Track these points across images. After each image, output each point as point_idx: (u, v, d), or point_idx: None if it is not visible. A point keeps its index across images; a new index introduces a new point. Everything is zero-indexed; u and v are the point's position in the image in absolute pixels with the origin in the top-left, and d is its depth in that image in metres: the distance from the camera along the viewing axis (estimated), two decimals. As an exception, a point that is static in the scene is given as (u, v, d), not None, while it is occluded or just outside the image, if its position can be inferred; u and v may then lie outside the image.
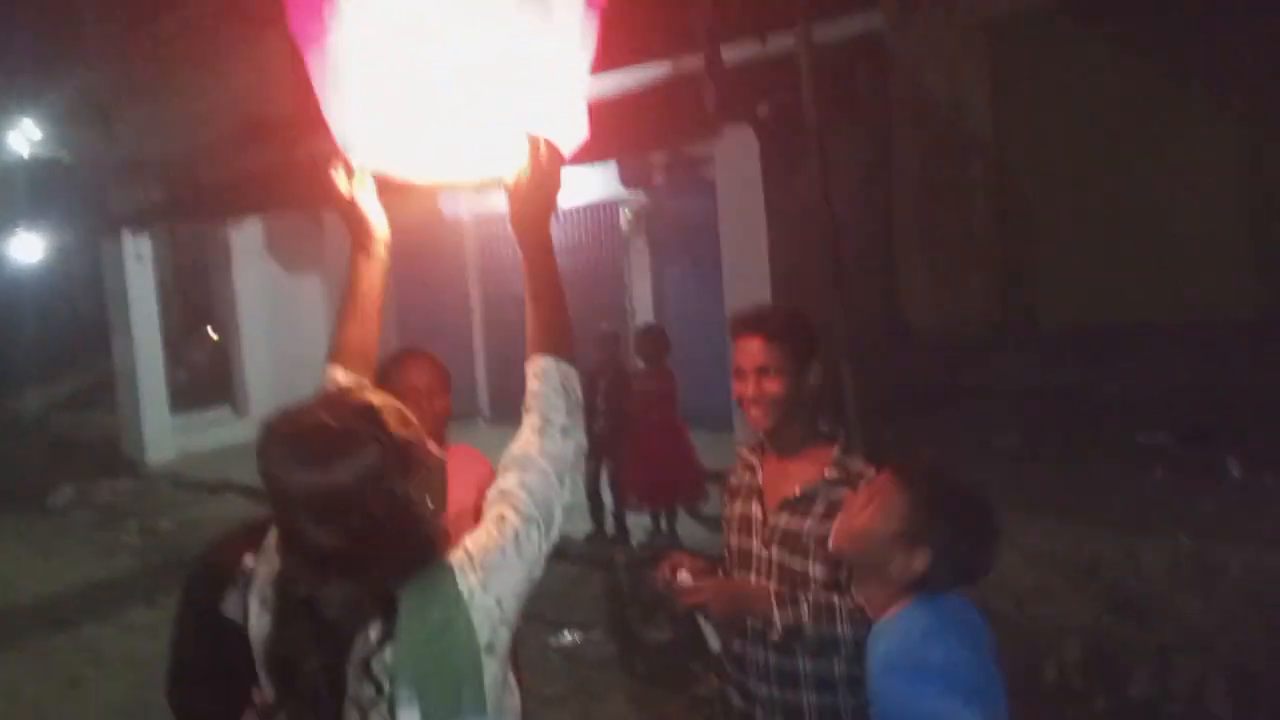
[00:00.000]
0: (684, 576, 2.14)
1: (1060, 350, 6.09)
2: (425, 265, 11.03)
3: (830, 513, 2.11)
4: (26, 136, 14.88)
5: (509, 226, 1.76)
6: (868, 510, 1.85)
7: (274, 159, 10.59)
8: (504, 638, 1.51)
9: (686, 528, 6.91)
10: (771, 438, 2.32)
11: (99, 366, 13.58)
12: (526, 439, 1.64)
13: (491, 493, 1.61)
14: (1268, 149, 5.82)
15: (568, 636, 5.77)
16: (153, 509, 9.88)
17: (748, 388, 2.25)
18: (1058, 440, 5.31)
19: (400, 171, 1.86)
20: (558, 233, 1.90)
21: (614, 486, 6.80)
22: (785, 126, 6.40)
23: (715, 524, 6.95)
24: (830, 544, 2.01)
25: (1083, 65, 6.11)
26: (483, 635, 1.47)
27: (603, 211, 9.95)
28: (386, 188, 1.96)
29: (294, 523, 1.46)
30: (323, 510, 1.43)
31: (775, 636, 2.13)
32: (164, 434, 11.79)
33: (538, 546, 1.55)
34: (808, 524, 2.18)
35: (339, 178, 1.89)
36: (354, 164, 1.86)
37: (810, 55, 5.57)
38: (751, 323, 2.29)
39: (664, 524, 6.84)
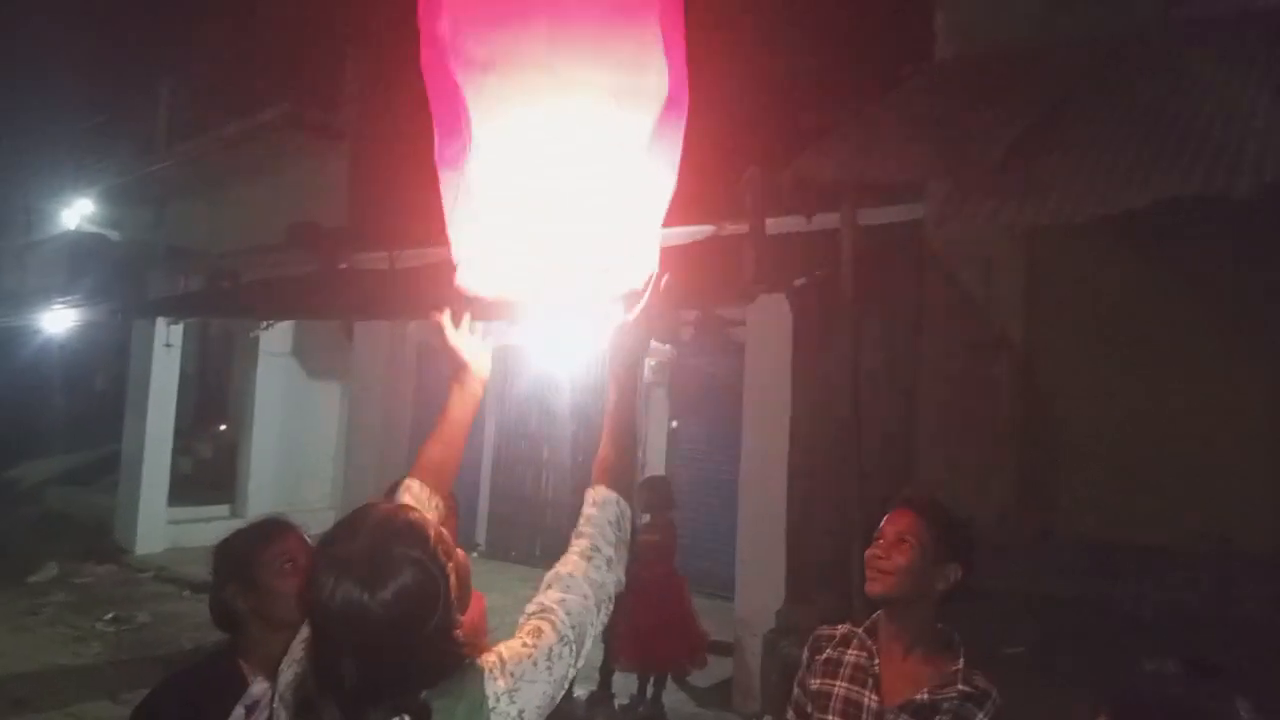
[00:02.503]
0: None
1: (1072, 562, 5.99)
2: (444, 389, 11.10)
3: None
4: (79, 212, 15.32)
5: (607, 359, 1.91)
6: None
7: (314, 267, 10.83)
8: None
9: (672, 696, 6.68)
10: (888, 621, 2.33)
11: (103, 447, 13.59)
12: (573, 561, 1.67)
13: (531, 606, 1.64)
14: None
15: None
16: (132, 600, 9.71)
17: (879, 550, 2.30)
18: (1066, 655, 5.15)
19: (511, 293, 2.02)
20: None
21: (605, 640, 6.60)
22: (820, 301, 6.50)
23: (702, 694, 6.79)
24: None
25: (1117, 281, 6.22)
26: None
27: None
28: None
29: (333, 650, 1.45)
30: (363, 633, 1.43)
31: None
32: (157, 524, 11.68)
33: (567, 666, 1.58)
34: None
35: (446, 316, 2.05)
36: (468, 284, 2.01)
37: (853, 236, 5.70)
38: (909, 498, 2.38)
39: (650, 688, 6.60)
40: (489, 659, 1.53)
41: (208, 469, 13.43)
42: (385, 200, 10.32)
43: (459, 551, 1.64)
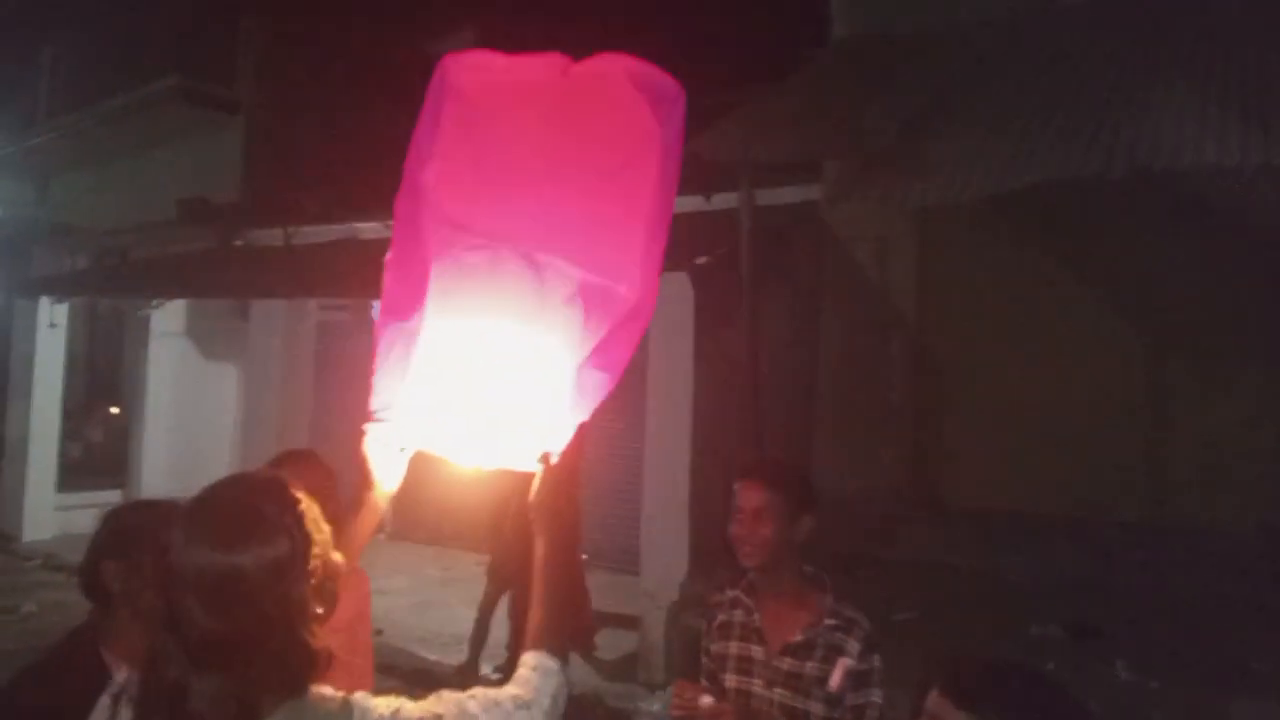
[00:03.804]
0: (708, 700, 2.35)
1: (962, 532, 6.22)
2: (349, 369, 10.92)
3: (829, 657, 2.36)
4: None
5: (530, 509, 1.89)
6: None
7: (207, 244, 10.53)
8: None
9: (578, 670, 6.74)
10: (762, 578, 2.52)
11: (-14, 431, 13.02)
12: (507, 698, 1.61)
13: (447, 694, 1.57)
14: (1166, 366, 6.16)
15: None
16: (18, 588, 9.37)
17: (742, 528, 2.47)
18: (955, 621, 5.35)
19: (429, 448, 1.98)
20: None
21: (512, 617, 6.63)
22: (721, 280, 6.59)
23: (608, 666, 6.87)
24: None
25: (1003, 260, 6.45)
26: None
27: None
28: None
29: (180, 601, 1.39)
30: (214, 592, 1.37)
31: None
32: (45, 510, 11.26)
33: None
34: (809, 666, 2.38)
35: (367, 432, 1.98)
36: (386, 431, 1.97)
37: (751, 216, 5.79)
38: (753, 470, 2.57)
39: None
40: (378, 705, 1.47)
41: (98, 453, 12.98)
42: (280, 176, 10.10)
43: (336, 556, 1.55)
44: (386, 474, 2.01)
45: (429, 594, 8.78)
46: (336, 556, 1.55)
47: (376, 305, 1.98)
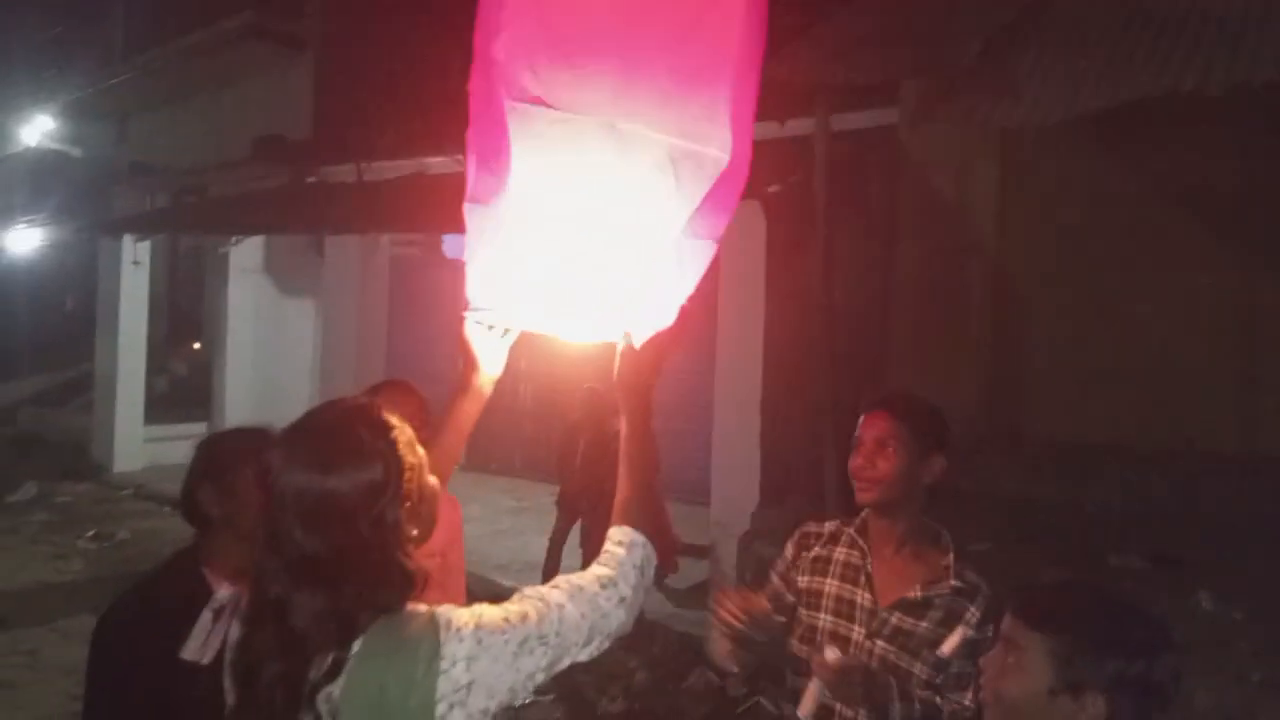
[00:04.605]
0: (833, 653, 2.13)
1: (1041, 462, 6.11)
2: (421, 304, 11.05)
3: (946, 621, 2.16)
4: (39, 129, 14.95)
5: (616, 386, 1.86)
6: (1012, 670, 1.58)
7: (282, 181, 10.66)
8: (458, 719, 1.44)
9: (650, 598, 6.80)
10: (876, 520, 2.32)
11: (76, 366, 13.51)
12: (590, 580, 1.61)
13: (529, 590, 1.57)
14: (1260, 290, 5.92)
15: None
16: (112, 517, 9.76)
17: (862, 459, 2.27)
18: (1033, 551, 5.29)
19: (525, 327, 1.96)
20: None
21: (585, 546, 6.72)
22: (794, 207, 6.47)
23: (680, 595, 6.94)
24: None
25: (1090, 184, 6.23)
26: (439, 708, 1.41)
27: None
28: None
29: (281, 521, 1.45)
30: (312, 513, 1.43)
31: None
32: (135, 443, 11.69)
33: (534, 669, 1.49)
34: (922, 626, 2.19)
35: (467, 317, 1.96)
36: (480, 313, 1.93)
37: (826, 142, 5.65)
38: (882, 400, 2.34)
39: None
40: (461, 616, 1.46)
41: (183, 387, 13.40)
42: (350, 112, 10.13)
43: (432, 480, 1.58)
44: (489, 359, 2.01)
45: (503, 523, 8.93)
46: (432, 480, 1.58)
47: (447, 240, 1.94)
